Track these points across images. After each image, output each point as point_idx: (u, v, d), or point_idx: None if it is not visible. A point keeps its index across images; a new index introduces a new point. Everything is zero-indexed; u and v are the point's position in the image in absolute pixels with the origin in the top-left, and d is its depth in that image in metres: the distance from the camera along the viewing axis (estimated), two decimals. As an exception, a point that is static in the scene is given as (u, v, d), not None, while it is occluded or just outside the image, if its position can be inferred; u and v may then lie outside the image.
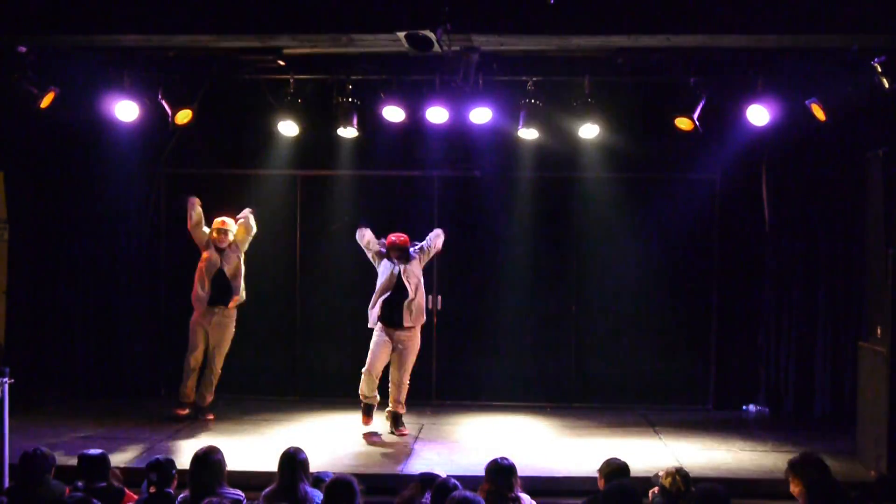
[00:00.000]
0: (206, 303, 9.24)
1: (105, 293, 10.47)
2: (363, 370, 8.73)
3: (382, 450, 8.27)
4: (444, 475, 5.48)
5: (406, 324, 8.72)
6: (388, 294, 8.73)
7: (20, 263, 10.37)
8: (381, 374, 8.77)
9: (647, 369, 10.43)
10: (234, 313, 9.34)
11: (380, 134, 9.80)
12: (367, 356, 8.77)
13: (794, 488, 5.58)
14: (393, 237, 8.81)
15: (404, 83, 9.13)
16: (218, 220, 9.29)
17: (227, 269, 9.24)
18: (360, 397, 8.78)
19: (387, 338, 8.75)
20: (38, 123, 9.53)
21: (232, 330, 9.36)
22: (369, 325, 8.83)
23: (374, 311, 8.80)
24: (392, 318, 8.72)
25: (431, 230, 9.20)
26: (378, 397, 8.82)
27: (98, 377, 10.44)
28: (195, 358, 9.29)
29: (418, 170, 10.46)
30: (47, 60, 8.42)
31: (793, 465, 5.64)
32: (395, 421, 8.85)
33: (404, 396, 8.85)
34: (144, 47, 8.52)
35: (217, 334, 9.28)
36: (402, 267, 8.76)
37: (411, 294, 8.70)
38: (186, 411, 9.30)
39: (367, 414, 8.81)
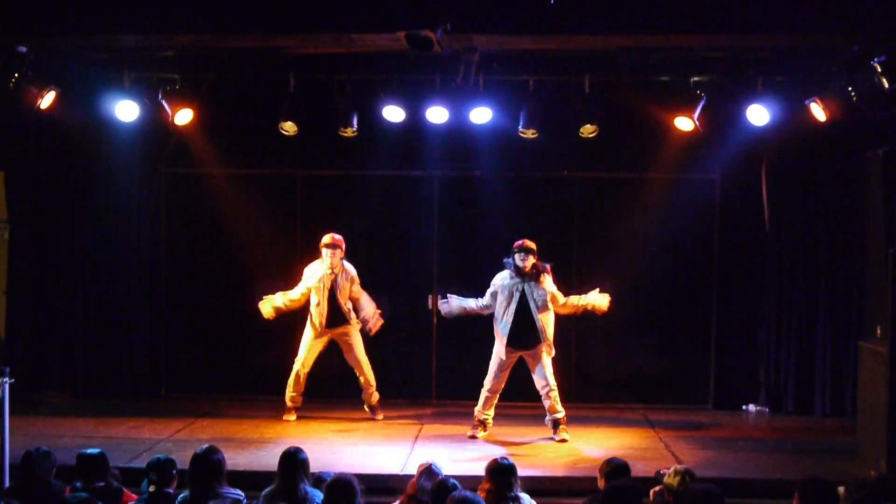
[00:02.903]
0: None
1: (105, 293, 10.44)
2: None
3: (382, 450, 8.26)
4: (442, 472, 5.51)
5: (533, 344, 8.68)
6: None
7: (20, 263, 10.38)
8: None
9: (647, 369, 10.43)
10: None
11: (380, 134, 9.78)
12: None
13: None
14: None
15: (404, 83, 9.12)
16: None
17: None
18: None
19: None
20: (38, 123, 9.52)
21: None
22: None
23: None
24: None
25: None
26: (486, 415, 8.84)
27: (98, 377, 10.42)
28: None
29: (418, 170, 10.45)
30: (47, 60, 8.42)
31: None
32: (555, 425, 8.73)
33: (556, 398, 8.76)
34: (144, 47, 8.51)
35: None
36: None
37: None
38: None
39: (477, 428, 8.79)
